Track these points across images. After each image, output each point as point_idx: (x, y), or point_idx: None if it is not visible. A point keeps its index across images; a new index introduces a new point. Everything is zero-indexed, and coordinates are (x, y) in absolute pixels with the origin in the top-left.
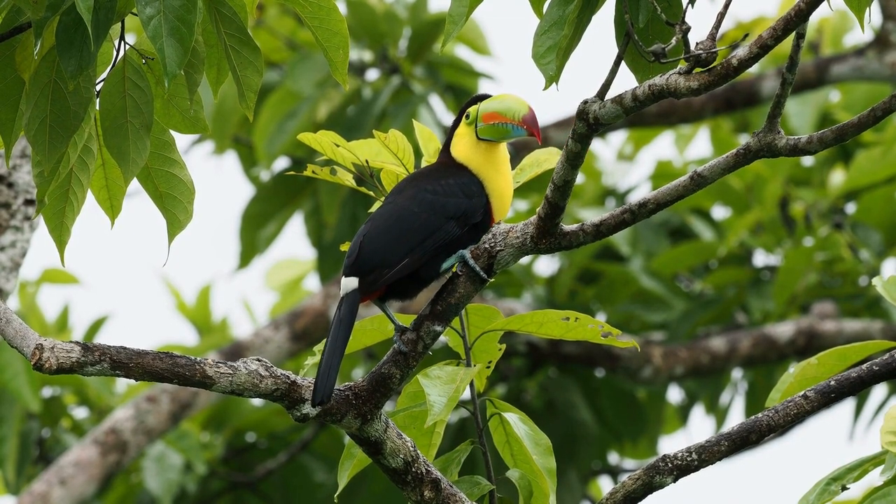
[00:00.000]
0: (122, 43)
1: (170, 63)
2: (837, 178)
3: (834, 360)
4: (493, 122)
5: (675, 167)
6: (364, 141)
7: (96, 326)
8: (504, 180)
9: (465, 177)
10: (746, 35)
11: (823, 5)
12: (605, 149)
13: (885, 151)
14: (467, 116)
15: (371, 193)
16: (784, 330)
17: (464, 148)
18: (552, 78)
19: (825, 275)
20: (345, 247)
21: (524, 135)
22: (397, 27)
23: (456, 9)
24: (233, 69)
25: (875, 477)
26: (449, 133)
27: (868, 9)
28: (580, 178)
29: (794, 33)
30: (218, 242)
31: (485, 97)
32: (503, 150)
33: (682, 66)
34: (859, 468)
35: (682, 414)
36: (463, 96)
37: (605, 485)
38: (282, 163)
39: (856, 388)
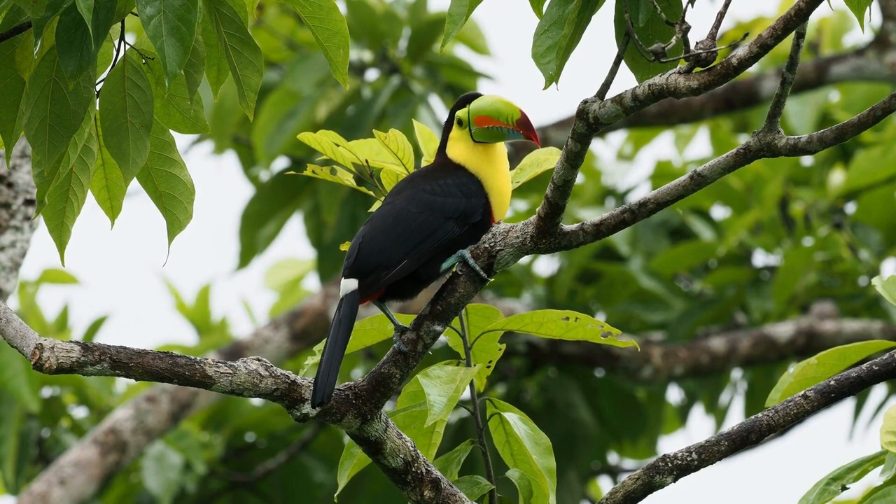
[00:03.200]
0: (122, 43)
1: (170, 63)
2: (837, 178)
3: (834, 359)
4: (488, 125)
5: (674, 167)
6: (364, 141)
7: (96, 326)
8: (503, 178)
9: (462, 176)
10: (746, 34)
11: (823, 5)
12: (604, 149)
13: (885, 151)
14: (459, 122)
15: (371, 193)
16: (784, 330)
17: (460, 149)
18: (552, 77)
19: (825, 275)
20: (344, 247)
21: (521, 137)
22: (397, 27)
23: (456, 8)
24: (233, 69)
25: (875, 477)
26: (443, 136)
27: (868, 8)
28: (580, 178)
29: (793, 33)
30: (217, 242)
31: (473, 97)
32: (501, 148)
33: (682, 65)
34: (859, 468)
35: (682, 414)
36: None
37: (604, 485)
38: (281, 163)
39: (856, 387)
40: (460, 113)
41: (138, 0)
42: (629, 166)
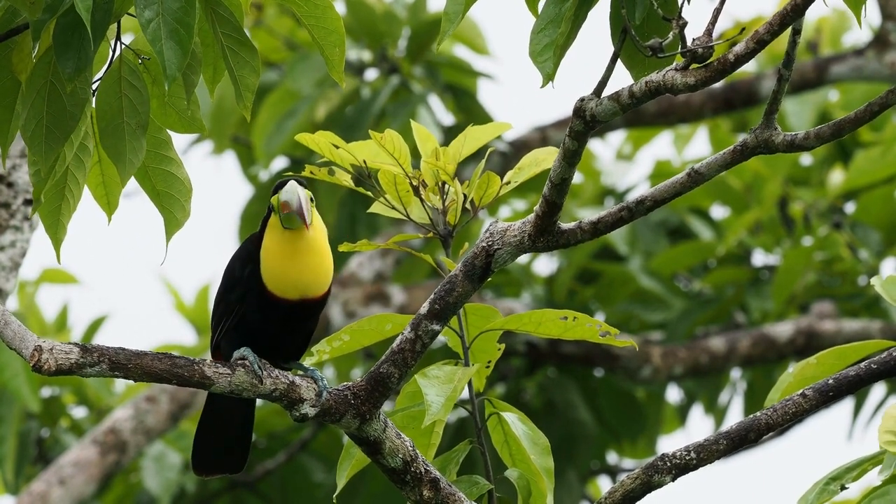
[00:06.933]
0: (118, 43)
1: (169, 66)
2: (836, 177)
3: (833, 359)
4: (285, 211)
5: (673, 167)
6: (361, 142)
7: (95, 326)
8: (288, 264)
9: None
10: (743, 29)
11: (821, 4)
12: (603, 148)
13: (884, 151)
14: (272, 207)
15: (369, 193)
16: (783, 330)
17: (270, 235)
18: (549, 75)
19: (824, 274)
20: (343, 247)
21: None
22: (396, 27)
23: (452, 6)
24: (230, 69)
25: (873, 476)
26: (262, 222)
27: (864, 6)
28: (579, 178)
29: (790, 29)
30: (217, 242)
31: (283, 185)
32: (312, 235)
33: (679, 62)
34: (858, 468)
35: (681, 414)
36: (462, 96)
37: (603, 485)
38: (280, 162)
39: (854, 386)
40: (273, 199)
41: (137, 3)
42: (628, 166)
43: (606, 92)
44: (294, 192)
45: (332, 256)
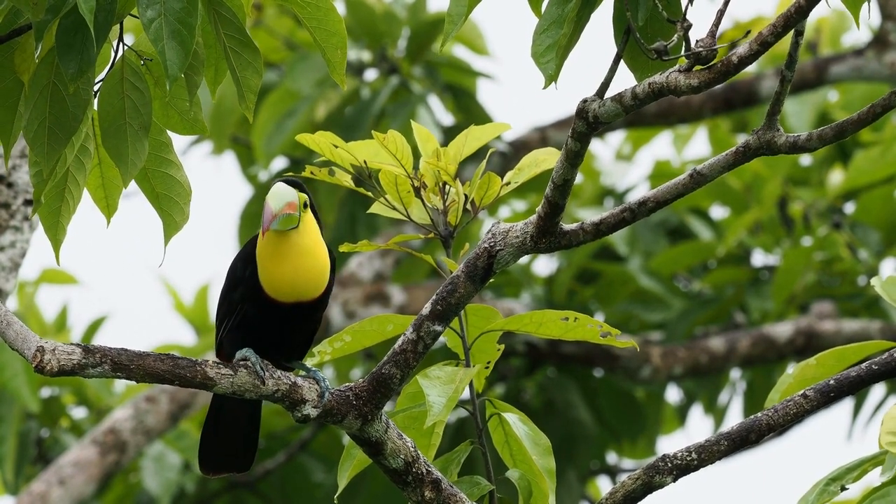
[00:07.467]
0: (121, 44)
1: (171, 66)
2: (836, 177)
3: (833, 360)
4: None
5: (673, 167)
6: (362, 142)
7: (95, 326)
8: (279, 267)
9: (242, 257)
10: (748, 32)
11: (822, 4)
12: (603, 149)
13: (884, 151)
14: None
15: (369, 194)
16: (783, 330)
17: (263, 238)
18: (552, 77)
19: (824, 274)
20: (343, 247)
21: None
22: (396, 27)
23: (455, 8)
24: (232, 70)
25: (874, 477)
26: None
27: (867, 6)
28: (578, 178)
29: (793, 30)
30: (217, 242)
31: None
32: (303, 237)
33: (682, 63)
34: (858, 468)
35: (681, 414)
36: (462, 96)
37: (603, 485)
38: (280, 162)
39: (855, 386)
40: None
41: (139, 3)
42: (628, 166)
43: (609, 93)
44: (269, 196)
45: (328, 257)
